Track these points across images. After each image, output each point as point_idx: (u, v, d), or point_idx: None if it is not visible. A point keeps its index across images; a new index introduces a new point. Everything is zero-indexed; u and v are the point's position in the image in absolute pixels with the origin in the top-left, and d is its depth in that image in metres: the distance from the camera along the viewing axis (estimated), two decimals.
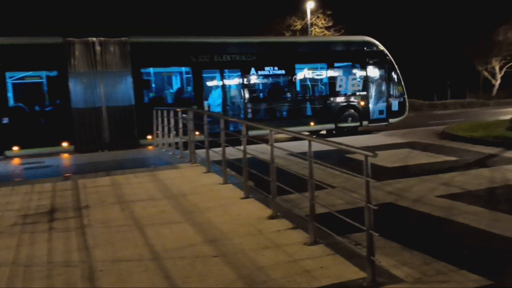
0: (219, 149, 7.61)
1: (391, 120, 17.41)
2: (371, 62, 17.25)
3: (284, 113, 16.17)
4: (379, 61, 17.34)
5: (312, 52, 16.68)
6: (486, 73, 45.73)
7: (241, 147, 6.45)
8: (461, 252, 4.73)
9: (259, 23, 32.38)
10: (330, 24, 31.71)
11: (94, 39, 13.33)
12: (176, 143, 10.92)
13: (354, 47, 17.18)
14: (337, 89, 16.78)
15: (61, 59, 12.97)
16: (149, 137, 13.70)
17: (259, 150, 7.03)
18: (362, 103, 17.08)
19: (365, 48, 17.17)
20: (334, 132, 16.60)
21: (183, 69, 15.43)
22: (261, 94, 16.25)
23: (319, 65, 16.79)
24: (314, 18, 31.69)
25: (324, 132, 16.93)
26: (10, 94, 13.02)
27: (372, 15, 36.60)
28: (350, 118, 16.90)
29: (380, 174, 8.90)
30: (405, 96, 17.82)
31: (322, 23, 31.95)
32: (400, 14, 38.45)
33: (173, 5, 41.27)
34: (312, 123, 16.22)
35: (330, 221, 4.74)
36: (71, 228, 5.41)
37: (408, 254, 4.64)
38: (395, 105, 17.59)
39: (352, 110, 16.94)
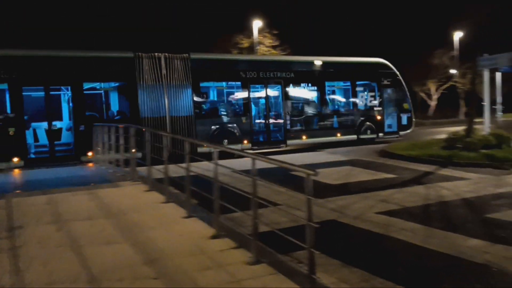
0: (162, 167, 7.48)
1: (401, 133, 19.97)
2: (385, 81, 19.57)
3: (316, 125, 18.02)
4: (392, 80, 19.70)
5: (339, 70, 18.76)
6: (422, 94, 48.05)
7: (184, 165, 6.38)
8: (398, 268, 4.88)
9: (208, 39, 32.54)
10: (276, 43, 32.32)
11: (160, 54, 14.85)
12: (117, 160, 10.64)
13: (372, 67, 19.49)
14: (359, 105, 19.15)
15: (131, 71, 14.22)
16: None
17: (205, 168, 6.98)
18: (379, 117, 19.44)
19: (380, 69, 19.46)
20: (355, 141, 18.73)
21: (234, 83, 16.96)
22: (299, 107, 18.03)
23: (343, 83, 19.06)
24: (261, 37, 32.17)
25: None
26: (85, 104, 14.21)
27: (317, 37, 37.69)
28: (369, 131, 19.21)
29: (324, 191, 9.08)
30: (412, 111, 20.52)
31: (268, 42, 32.50)
32: (344, 35, 39.81)
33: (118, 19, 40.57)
34: (338, 134, 18.31)
35: (274, 239, 4.77)
36: (2, 250, 5.10)
37: (347, 271, 4.73)
38: (404, 120, 20.11)
39: (370, 123, 19.24)
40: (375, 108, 19.44)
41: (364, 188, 9.45)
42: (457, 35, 40.08)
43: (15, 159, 12.66)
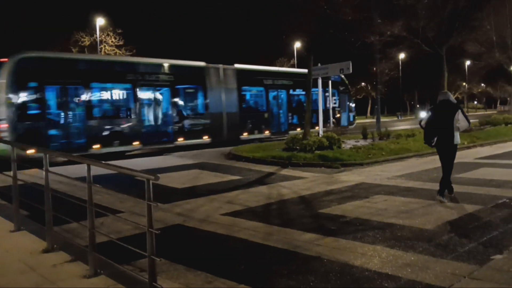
0: None
1: (350, 126, 27.40)
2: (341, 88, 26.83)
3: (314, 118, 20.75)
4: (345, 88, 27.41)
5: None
6: None
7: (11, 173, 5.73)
8: (241, 267, 5.02)
9: (42, 37, 29.83)
10: (121, 43, 31.18)
11: (220, 65, 20.42)
12: None
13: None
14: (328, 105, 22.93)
15: (202, 77, 19.65)
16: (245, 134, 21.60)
17: (39, 176, 6.36)
18: (338, 115, 26.33)
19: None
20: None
21: (261, 88, 22.93)
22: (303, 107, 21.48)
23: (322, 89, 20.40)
24: (103, 36, 30.72)
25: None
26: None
27: (163, 39, 37.34)
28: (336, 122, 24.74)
29: (171, 195, 8.97)
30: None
31: (112, 41, 31.19)
32: (190, 41, 40.11)
33: None
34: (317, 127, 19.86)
35: (116, 249, 4.54)
36: None
37: (192, 275, 4.71)
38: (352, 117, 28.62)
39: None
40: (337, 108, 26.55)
41: (211, 190, 9.59)
42: (296, 45, 43.36)
43: None
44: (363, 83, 63.09)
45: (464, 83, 66.12)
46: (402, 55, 45.89)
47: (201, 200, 8.63)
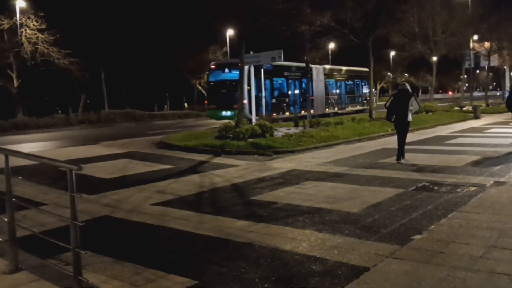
0: None
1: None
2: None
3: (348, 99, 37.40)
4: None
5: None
6: (200, 87, 50.29)
7: None
8: (171, 257, 4.96)
9: None
10: (43, 26, 29.43)
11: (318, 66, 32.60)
12: None
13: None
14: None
15: (313, 74, 30.82)
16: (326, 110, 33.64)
17: None
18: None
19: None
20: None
21: (332, 80, 35.31)
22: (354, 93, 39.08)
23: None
24: (24, 19, 28.88)
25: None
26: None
27: (93, 27, 35.66)
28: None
29: (98, 186, 8.68)
30: None
31: (34, 25, 29.37)
32: (121, 29, 38.65)
33: None
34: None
35: (41, 243, 4.32)
36: None
37: (119, 267, 4.59)
38: None
39: None
40: None
41: (141, 180, 9.38)
42: (229, 33, 43.12)
43: None
44: None
45: (389, 73, 69.19)
46: (331, 45, 47.19)
47: (130, 190, 8.41)
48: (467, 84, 61.12)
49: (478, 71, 72.95)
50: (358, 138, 16.26)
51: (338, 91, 35.74)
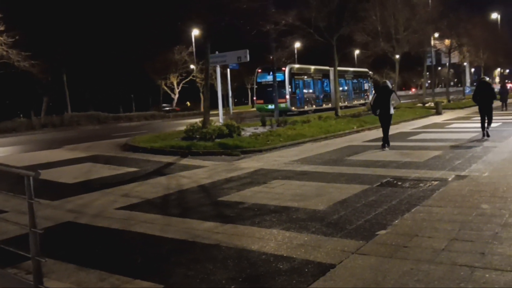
0: None
1: None
2: None
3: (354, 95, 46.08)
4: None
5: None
6: (165, 88, 49.79)
7: None
8: (136, 261, 4.87)
9: None
10: (2, 28, 28.45)
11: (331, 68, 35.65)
12: None
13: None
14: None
15: (329, 74, 38.88)
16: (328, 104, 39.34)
17: None
18: None
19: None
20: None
21: (343, 79, 43.35)
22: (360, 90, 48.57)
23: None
24: None
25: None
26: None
27: (54, 28, 34.74)
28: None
29: (61, 191, 8.48)
30: None
31: None
32: (82, 29, 37.84)
33: None
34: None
35: (1, 252, 4.19)
36: None
37: (84, 274, 4.48)
38: None
39: None
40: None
41: (105, 184, 9.20)
42: (194, 32, 42.82)
43: None
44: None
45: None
46: (297, 44, 47.50)
47: (94, 195, 8.24)
48: (429, 81, 62.75)
49: (439, 68, 75.05)
50: (325, 136, 16.44)
51: (346, 88, 44.10)
